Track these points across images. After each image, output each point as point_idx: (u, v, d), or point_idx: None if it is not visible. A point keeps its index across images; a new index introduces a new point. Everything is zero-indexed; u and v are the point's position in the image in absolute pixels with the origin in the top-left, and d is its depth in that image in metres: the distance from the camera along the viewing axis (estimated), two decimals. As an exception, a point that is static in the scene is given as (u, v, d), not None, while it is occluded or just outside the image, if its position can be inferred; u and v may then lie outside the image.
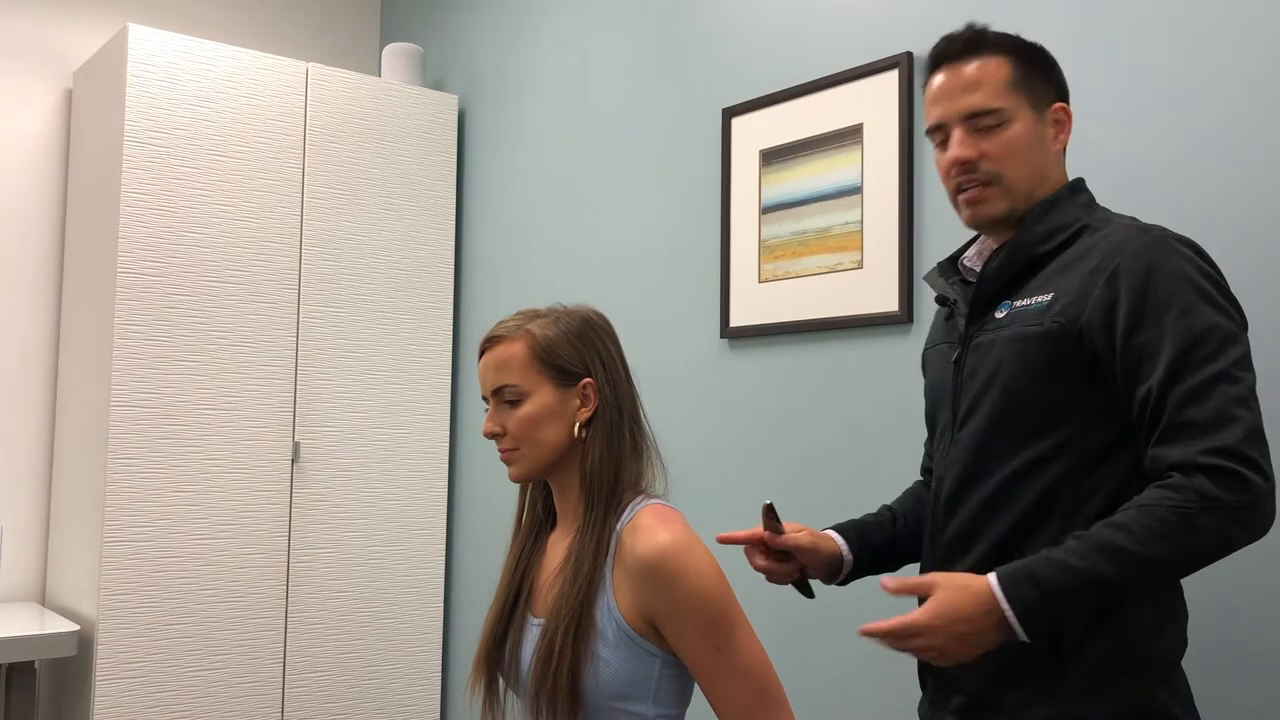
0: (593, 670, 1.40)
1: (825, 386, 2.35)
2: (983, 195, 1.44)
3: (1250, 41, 1.74)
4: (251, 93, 3.09)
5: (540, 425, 1.48)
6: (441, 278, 3.40)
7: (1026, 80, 1.44)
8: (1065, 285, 1.37)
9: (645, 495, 1.50)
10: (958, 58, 1.45)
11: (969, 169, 1.43)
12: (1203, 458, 1.22)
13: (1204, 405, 1.24)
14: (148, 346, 2.90)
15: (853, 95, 2.32)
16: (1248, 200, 1.73)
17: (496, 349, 1.50)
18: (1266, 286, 1.70)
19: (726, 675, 1.38)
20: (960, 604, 1.26)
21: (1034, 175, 1.44)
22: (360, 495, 3.22)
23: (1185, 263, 1.32)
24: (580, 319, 1.52)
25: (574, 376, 1.49)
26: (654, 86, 2.84)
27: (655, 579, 1.38)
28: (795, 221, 2.42)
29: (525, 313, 1.54)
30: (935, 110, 1.46)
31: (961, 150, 1.43)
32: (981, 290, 1.45)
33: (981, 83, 1.43)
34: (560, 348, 1.49)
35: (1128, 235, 1.36)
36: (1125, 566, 1.22)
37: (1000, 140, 1.42)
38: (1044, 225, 1.42)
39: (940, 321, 1.60)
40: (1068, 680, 1.31)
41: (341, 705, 3.14)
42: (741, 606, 1.42)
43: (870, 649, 2.22)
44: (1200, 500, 1.21)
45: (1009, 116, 1.42)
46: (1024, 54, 1.45)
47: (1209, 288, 1.31)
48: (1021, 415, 1.37)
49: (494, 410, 1.51)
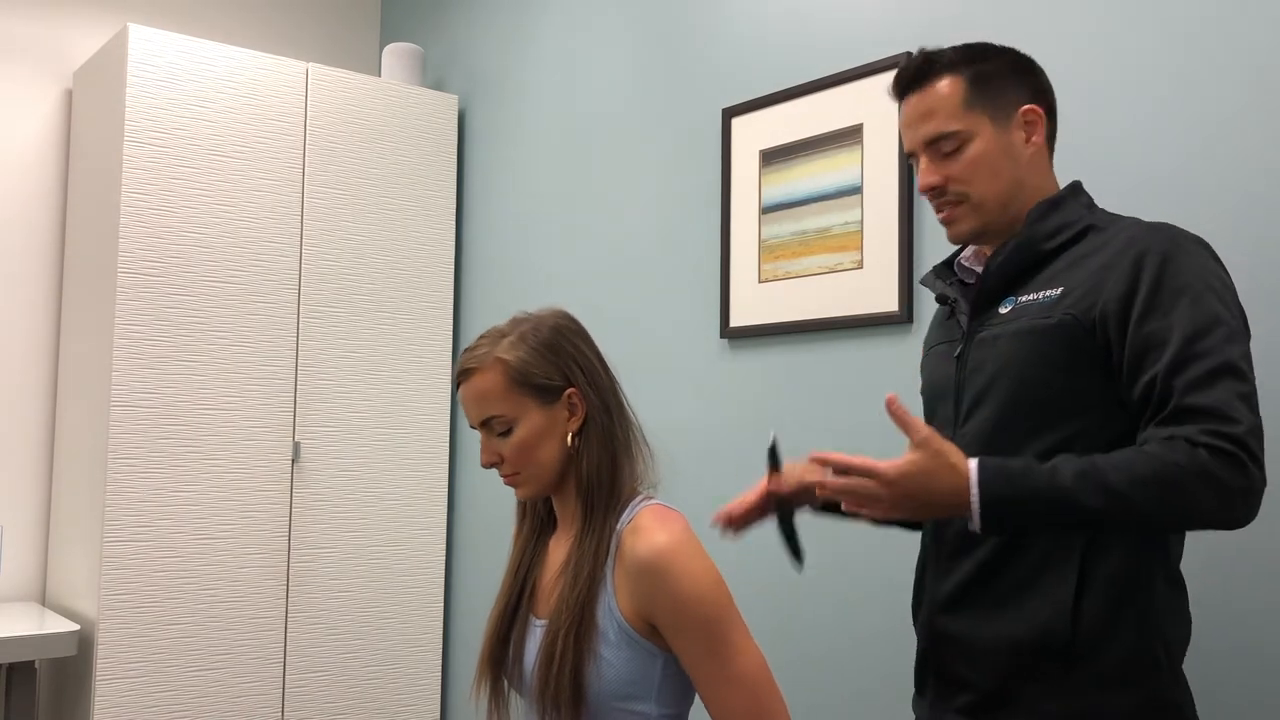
0: (595, 670, 1.40)
1: (825, 386, 2.35)
2: (954, 215, 1.46)
3: (1256, 43, 1.75)
4: (251, 93, 3.09)
5: (535, 447, 1.47)
6: (441, 278, 3.40)
7: (985, 94, 1.44)
8: (1075, 279, 1.38)
9: (645, 495, 1.50)
10: (911, 86, 1.48)
11: (938, 193, 1.46)
12: (1205, 437, 1.22)
13: (1209, 394, 1.24)
14: (148, 346, 2.90)
15: (853, 95, 2.32)
16: (1253, 202, 1.73)
17: (472, 381, 1.47)
18: (1267, 286, 1.70)
19: (721, 681, 1.37)
20: (932, 477, 1.26)
21: (1005, 187, 1.44)
22: (360, 495, 3.22)
23: (1198, 259, 1.33)
24: (548, 328, 1.49)
25: (556, 390, 1.47)
26: (654, 86, 2.84)
27: (652, 579, 1.38)
28: (795, 221, 2.42)
29: (490, 335, 1.50)
30: (904, 139, 1.50)
31: (925, 177, 1.46)
32: (986, 285, 1.46)
33: (935, 109, 1.44)
34: (535, 367, 1.46)
35: (1142, 231, 1.37)
36: (1106, 501, 1.22)
37: (962, 161, 1.44)
38: (1049, 222, 1.43)
39: (939, 322, 1.60)
40: (1084, 674, 1.32)
41: (341, 705, 3.14)
42: (740, 612, 1.41)
43: (871, 650, 2.22)
44: (1199, 469, 1.21)
45: (967, 136, 1.43)
46: (979, 67, 1.45)
47: (1218, 286, 1.32)
48: (1031, 408, 1.37)
49: (486, 440, 1.49)
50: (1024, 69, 1.48)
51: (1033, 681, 1.34)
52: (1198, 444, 1.22)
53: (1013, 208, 1.45)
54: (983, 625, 1.38)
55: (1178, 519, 1.24)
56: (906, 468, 1.26)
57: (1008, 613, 1.36)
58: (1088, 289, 1.35)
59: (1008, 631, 1.36)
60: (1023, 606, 1.35)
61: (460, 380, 1.49)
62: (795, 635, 2.36)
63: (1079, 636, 1.32)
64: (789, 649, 2.38)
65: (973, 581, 1.40)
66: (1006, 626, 1.36)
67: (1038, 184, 1.47)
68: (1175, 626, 1.35)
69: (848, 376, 2.31)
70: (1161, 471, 1.21)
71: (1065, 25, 1.99)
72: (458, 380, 1.50)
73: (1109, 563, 1.32)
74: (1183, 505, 1.22)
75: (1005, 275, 1.44)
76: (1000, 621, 1.37)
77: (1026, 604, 1.35)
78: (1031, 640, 1.32)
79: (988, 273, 1.45)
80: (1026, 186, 1.46)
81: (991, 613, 1.38)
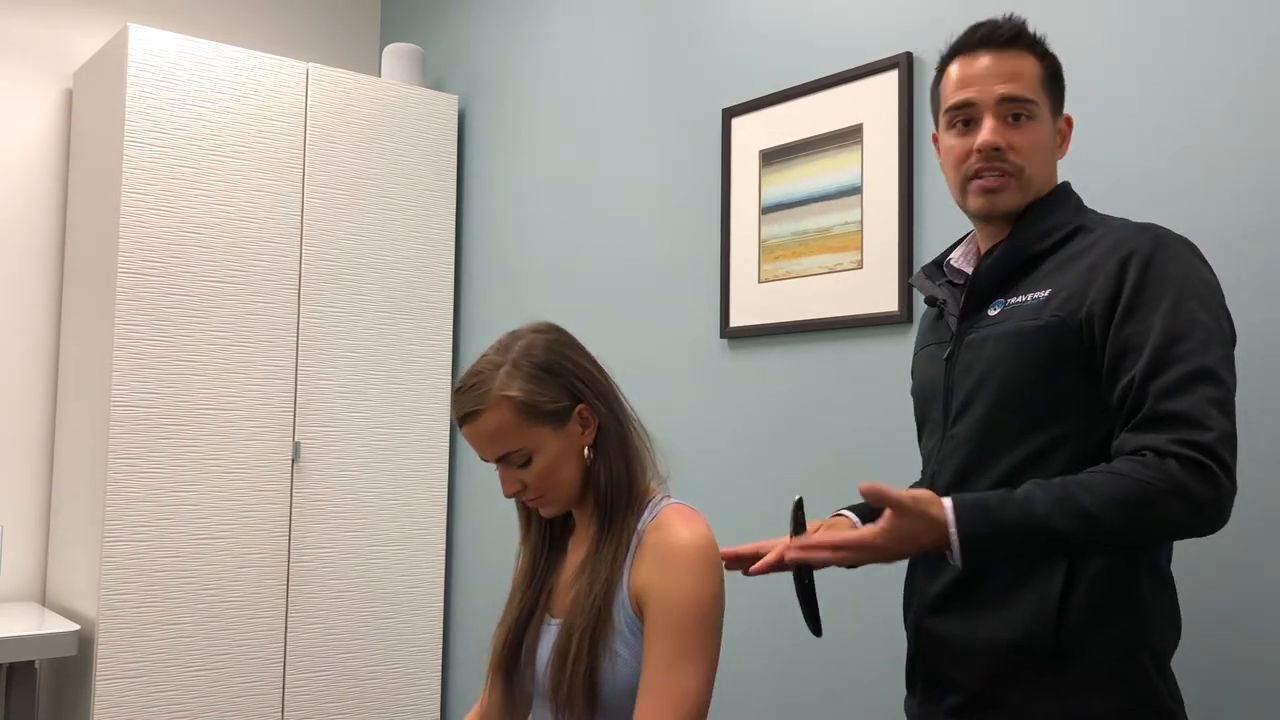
0: (610, 669, 1.40)
1: (825, 386, 2.35)
2: (1003, 185, 1.44)
3: (1254, 41, 1.74)
4: (251, 93, 3.09)
5: (557, 471, 1.45)
6: (441, 278, 3.40)
7: (1051, 85, 1.47)
8: (1063, 282, 1.38)
9: (665, 494, 1.51)
10: (1002, 45, 1.45)
11: (995, 156, 1.43)
12: (1175, 446, 1.23)
13: (1182, 400, 1.25)
14: (148, 346, 2.90)
15: (853, 95, 2.32)
16: (1251, 201, 1.73)
17: (479, 422, 1.42)
18: (1268, 287, 1.70)
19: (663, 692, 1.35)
20: (915, 533, 1.27)
21: (1046, 175, 1.46)
22: (360, 495, 3.22)
23: (1183, 262, 1.33)
24: (540, 348, 1.46)
25: (566, 411, 1.45)
26: (654, 86, 2.84)
27: (661, 566, 1.38)
28: (795, 221, 2.42)
29: (484, 369, 1.44)
30: (967, 90, 1.45)
31: (994, 136, 1.42)
32: (975, 287, 1.46)
33: (1022, 74, 1.44)
34: (542, 394, 1.43)
35: (1129, 232, 1.37)
36: (1080, 525, 1.23)
37: (1027, 134, 1.43)
38: (1041, 225, 1.43)
39: (929, 323, 1.60)
40: (1070, 676, 1.31)
41: (341, 705, 3.14)
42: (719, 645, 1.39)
43: (864, 649, 2.22)
44: (1168, 482, 1.22)
45: (1039, 113, 1.44)
46: (1050, 60, 1.48)
47: (1202, 289, 1.32)
48: (1019, 410, 1.37)
49: (505, 472, 1.46)
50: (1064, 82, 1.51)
51: (1019, 684, 1.34)
52: (1167, 455, 1.23)
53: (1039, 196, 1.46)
54: (969, 627, 1.38)
55: (1152, 534, 1.26)
56: (890, 529, 1.27)
57: (994, 614, 1.36)
58: (1074, 291, 1.36)
59: (994, 633, 1.35)
60: (1009, 608, 1.35)
61: (464, 422, 1.43)
62: (789, 632, 2.36)
63: (1064, 639, 1.31)
64: (781, 646, 2.37)
65: (960, 583, 1.40)
66: (993, 628, 1.36)
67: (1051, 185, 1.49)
68: (1163, 629, 1.35)
69: (848, 376, 2.31)
70: (1133, 490, 1.22)
71: (1065, 26, 1.99)
72: (461, 419, 1.44)
73: (1094, 565, 1.32)
74: (1155, 520, 1.23)
75: (995, 277, 1.44)
76: (986, 623, 1.36)
77: (1012, 606, 1.34)
78: (1017, 642, 1.32)
79: (978, 274, 1.45)
80: (1048, 185, 1.47)
81: (978, 614, 1.38)
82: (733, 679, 2.47)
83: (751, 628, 2.45)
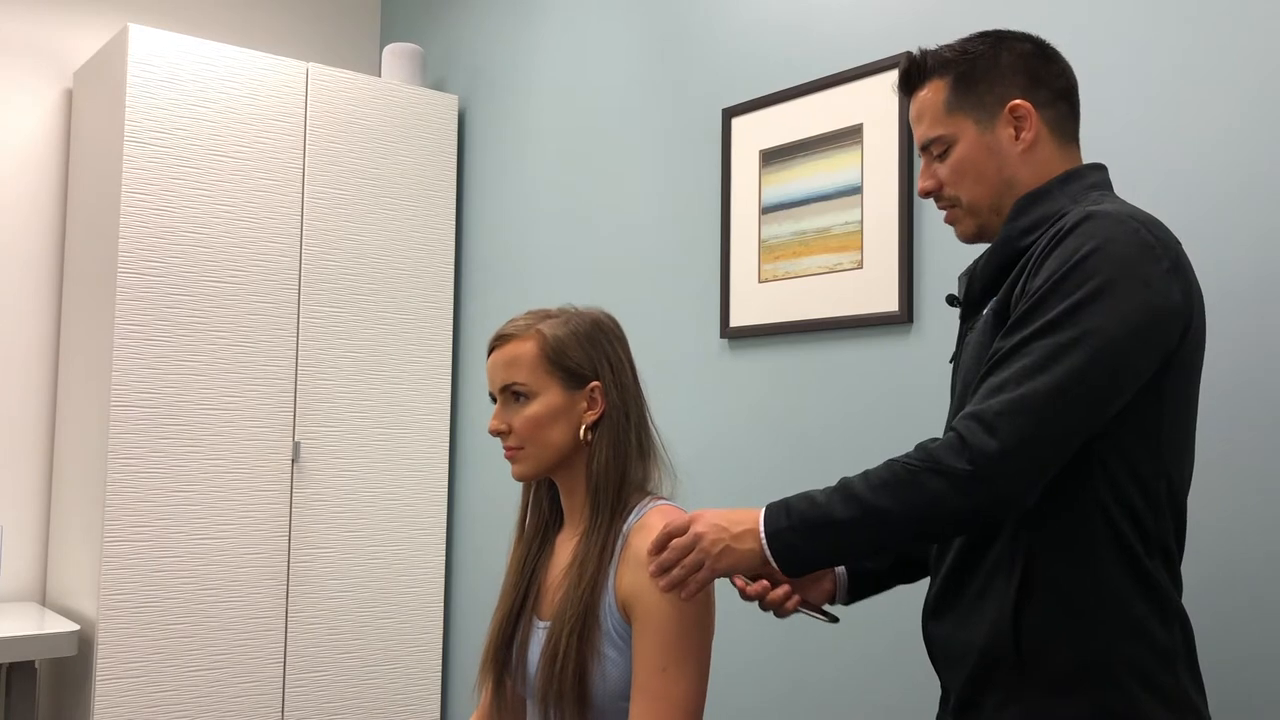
0: (600, 670, 1.40)
1: (825, 386, 2.35)
2: (953, 217, 1.46)
3: (1261, 39, 1.74)
4: (251, 93, 3.09)
5: (546, 426, 1.48)
6: (441, 278, 3.40)
7: (968, 95, 1.41)
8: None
9: (653, 496, 1.50)
10: (907, 90, 1.48)
11: (936, 198, 1.47)
12: (958, 423, 1.25)
13: (993, 375, 1.26)
14: (148, 346, 2.90)
15: (853, 95, 2.32)
16: (1256, 201, 1.73)
17: (506, 347, 1.51)
18: (1268, 287, 1.70)
19: (658, 695, 1.35)
20: (730, 514, 1.33)
21: (994, 187, 1.41)
22: (360, 495, 3.22)
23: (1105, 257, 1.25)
24: (590, 321, 1.54)
25: (582, 379, 1.49)
26: (654, 86, 2.84)
27: (646, 566, 1.38)
28: (795, 221, 2.42)
29: (536, 312, 1.54)
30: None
31: (921, 181, 1.47)
32: (971, 288, 1.45)
33: (923, 113, 1.45)
34: (570, 349, 1.50)
35: (1070, 218, 1.31)
36: (854, 510, 1.26)
37: (949, 165, 1.43)
38: (1026, 219, 1.38)
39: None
40: (1033, 680, 1.29)
41: (341, 705, 3.14)
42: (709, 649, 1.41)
43: (875, 654, 2.22)
44: (927, 460, 1.24)
45: (951, 140, 1.42)
46: (965, 67, 1.42)
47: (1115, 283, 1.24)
48: None
49: (501, 407, 1.51)
50: (1024, 60, 1.42)
51: (992, 687, 1.33)
52: (950, 430, 1.25)
53: (1006, 207, 1.40)
54: (954, 631, 1.38)
55: (924, 515, 1.25)
56: (705, 515, 1.34)
57: (970, 619, 1.35)
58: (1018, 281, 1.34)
59: (970, 638, 1.35)
60: (979, 614, 1.34)
61: (495, 345, 1.52)
62: (789, 629, 2.36)
63: (1023, 644, 1.29)
64: (782, 642, 2.37)
65: (947, 588, 1.40)
66: (970, 633, 1.35)
67: (1036, 178, 1.40)
68: (1148, 633, 1.27)
69: (847, 376, 2.31)
70: (898, 471, 1.25)
71: (1065, 23, 1.99)
72: (492, 345, 1.52)
73: (1052, 571, 1.28)
74: (919, 500, 1.24)
75: (984, 277, 1.43)
76: (965, 628, 1.36)
77: (982, 612, 1.33)
78: (985, 646, 1.31)
79: (971, 277, 1.45)
80: (1019, 184, 1.40)
81: (962, 618, 1.37)
82: (733, 679, 2.47)
83: (766, 637, 2.45)
